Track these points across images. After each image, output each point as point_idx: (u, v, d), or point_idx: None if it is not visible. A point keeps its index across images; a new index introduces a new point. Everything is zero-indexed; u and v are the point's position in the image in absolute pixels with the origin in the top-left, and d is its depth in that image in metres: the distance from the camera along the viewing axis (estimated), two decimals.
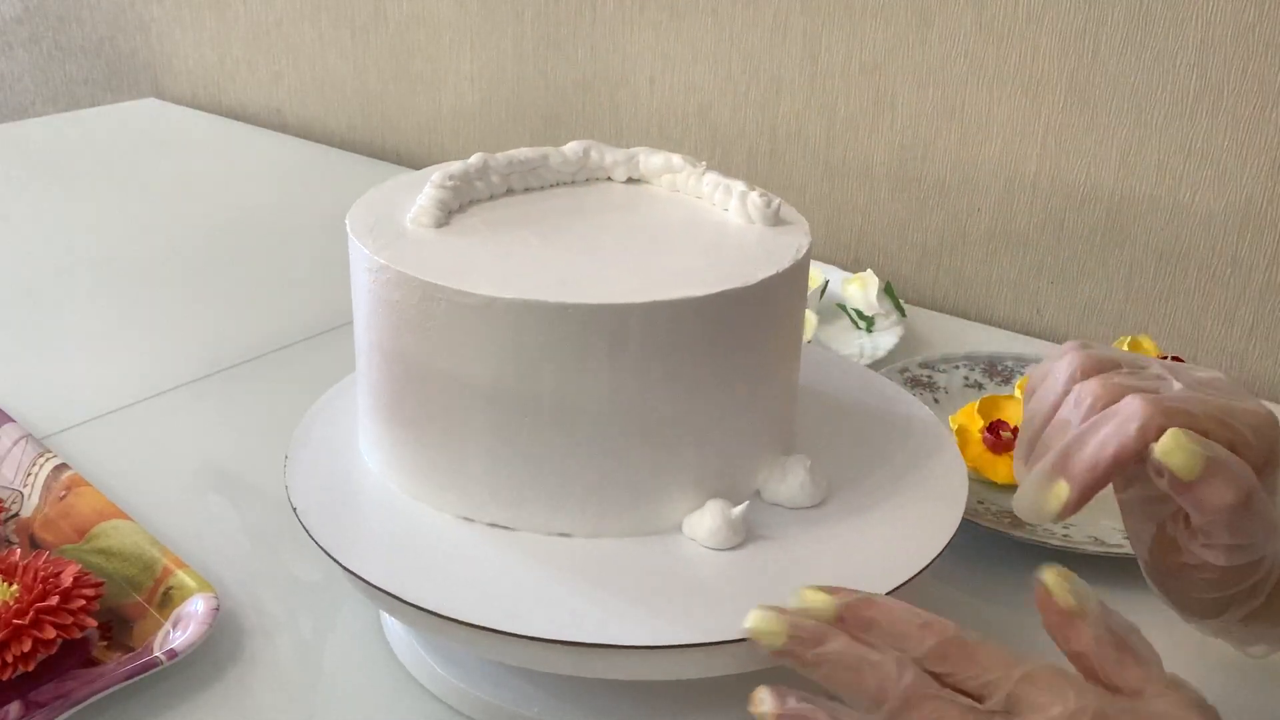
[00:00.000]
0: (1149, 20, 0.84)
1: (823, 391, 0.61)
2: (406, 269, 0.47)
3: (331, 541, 0.49)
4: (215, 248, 1.07)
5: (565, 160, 0.58)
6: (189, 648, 0.53)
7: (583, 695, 0.51)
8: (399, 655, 0.55)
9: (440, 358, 0.48)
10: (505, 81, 1.24)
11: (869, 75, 0.99)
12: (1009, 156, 0.94)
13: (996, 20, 0.91)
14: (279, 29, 1.43)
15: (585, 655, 0.44)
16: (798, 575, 0.47)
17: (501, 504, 0.49)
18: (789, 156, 1.06)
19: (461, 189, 0.54)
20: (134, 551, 0.60)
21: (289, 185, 1.28)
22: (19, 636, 0.51)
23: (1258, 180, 0.83)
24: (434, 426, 0.49)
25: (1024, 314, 0.97)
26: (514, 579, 0.47)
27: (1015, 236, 0.95)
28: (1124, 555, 0.62)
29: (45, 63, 1.75)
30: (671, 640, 0.44)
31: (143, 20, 1.59)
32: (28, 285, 0.98)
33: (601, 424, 0.47)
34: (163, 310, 0.94)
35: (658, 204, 0.57)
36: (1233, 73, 0.82)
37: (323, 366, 0.69)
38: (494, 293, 0.45)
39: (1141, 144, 0.87)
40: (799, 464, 0.51)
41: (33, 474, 0.67)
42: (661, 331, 0.46)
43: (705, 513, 0.49)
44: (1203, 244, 0.87)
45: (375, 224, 0.52)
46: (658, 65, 1.11)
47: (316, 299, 0.95)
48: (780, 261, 0.49)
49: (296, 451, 0.55)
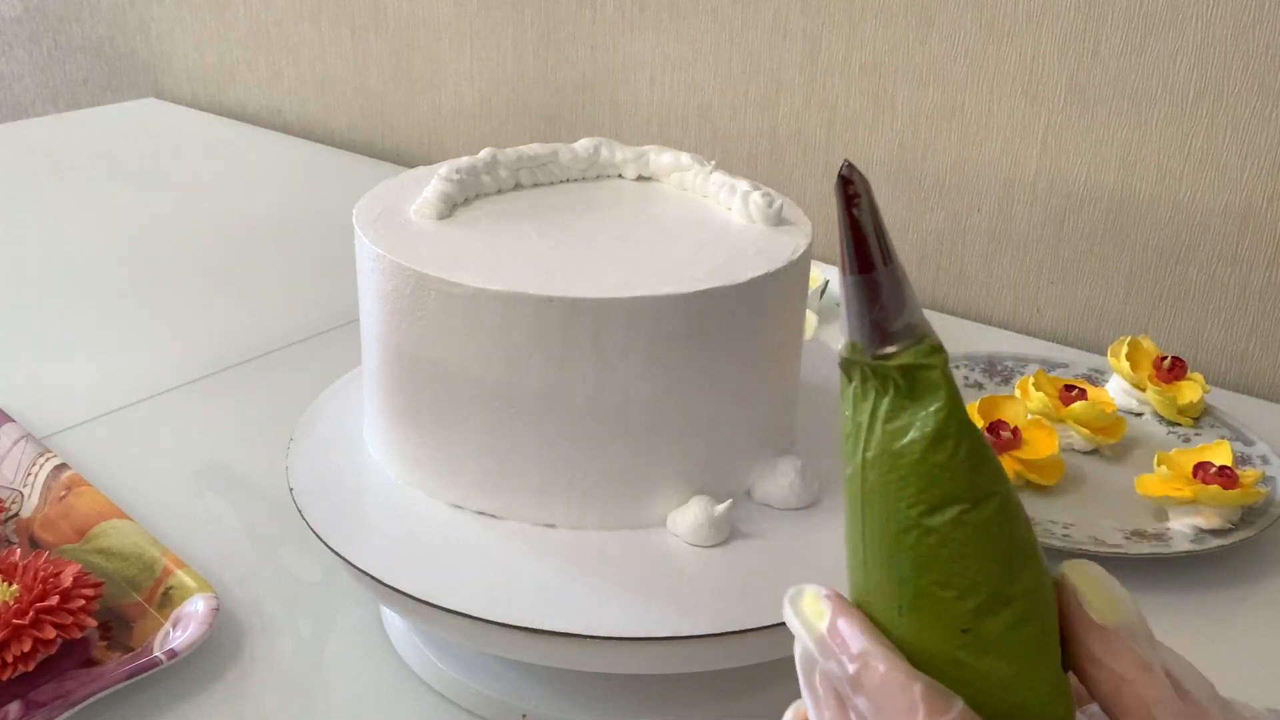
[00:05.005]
0: (1149, 20, 0.84)
1: (825, 390, 0.61)
2: (401, 259, 0.48)
3: (321, 523, 0.50)
4: (215, 247, 1.07)
5: (575, 157, 0.58)
6: (189, 648, 0.53)
7: (581, 689, 0.52)
8: (398, 648, 0.55)
9: (431, 346, 0.48)
10: (505, 81, 1.24)
11: (869, 75, 0.99)
12: (1009, 156, 0.94)
13: (996, 20, 0.91)
14: (279, 29, 1.43)
15: (556, 644, 0.45)
16: (778, 574, 0.47)
17: (489, 493, 0.49)
18: (789, 156, 1.06)
19: (468, 183, 0.55)
20: (134, 551, 0.60)
21: (289, 185, 1.28)
22: (19, 636, 0.51)
23: (1258, 180, 0.83)
24: (426, 415, 0.50)
25: (1024, 314, 0.97)
26: (496, 567, 0.47)
27: (1015, 236, 0.95)
28: (1125, 555, 0.62)
29: (45, 63, 1.75)
30: (642, 633, 0.44)
31: (143, 20, 1.59)
32: (28, 285, 0.98)
33: (586, 417, 0.47)
34: (163, 310, 0.94)
35: (663, 202, 0.57)
36: (1233, 73, 0.82)
37: (323, 365, 0.69)
38: (482, 284, 0.46)
39: (1141, 144, 0.87)
40: (789, 465, 0.51)
41: (33, 474, 0.67)
42: (646, 327, 0.46)
43: (689, 509, 0.49)
44: (1203, 244, 0.87)
45: (380, 215, 0.53)
46: (658, 65, 1.11)
47: (317, 299, 0.95)
48: (775, 261, 0.49)
49: (301, 436, 0.56)
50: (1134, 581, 0.63)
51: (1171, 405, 0.76)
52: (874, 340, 0.26)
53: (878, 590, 0.27)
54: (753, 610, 0.45)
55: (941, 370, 0.26)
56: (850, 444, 0.27)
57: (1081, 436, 0.72)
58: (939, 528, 0.26)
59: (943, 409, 0.26)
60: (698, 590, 0.47)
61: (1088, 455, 0.73)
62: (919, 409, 0.26)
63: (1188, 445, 0.73)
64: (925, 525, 0.26)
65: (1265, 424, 0.77)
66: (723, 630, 0.44)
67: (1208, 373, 0.88)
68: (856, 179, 0.27)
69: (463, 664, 0.53)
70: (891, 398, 0.27)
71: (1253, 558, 0.65)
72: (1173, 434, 0.76)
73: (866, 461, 0.27)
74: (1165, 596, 0.62)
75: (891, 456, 0.26)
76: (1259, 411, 0.82)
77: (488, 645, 0.47)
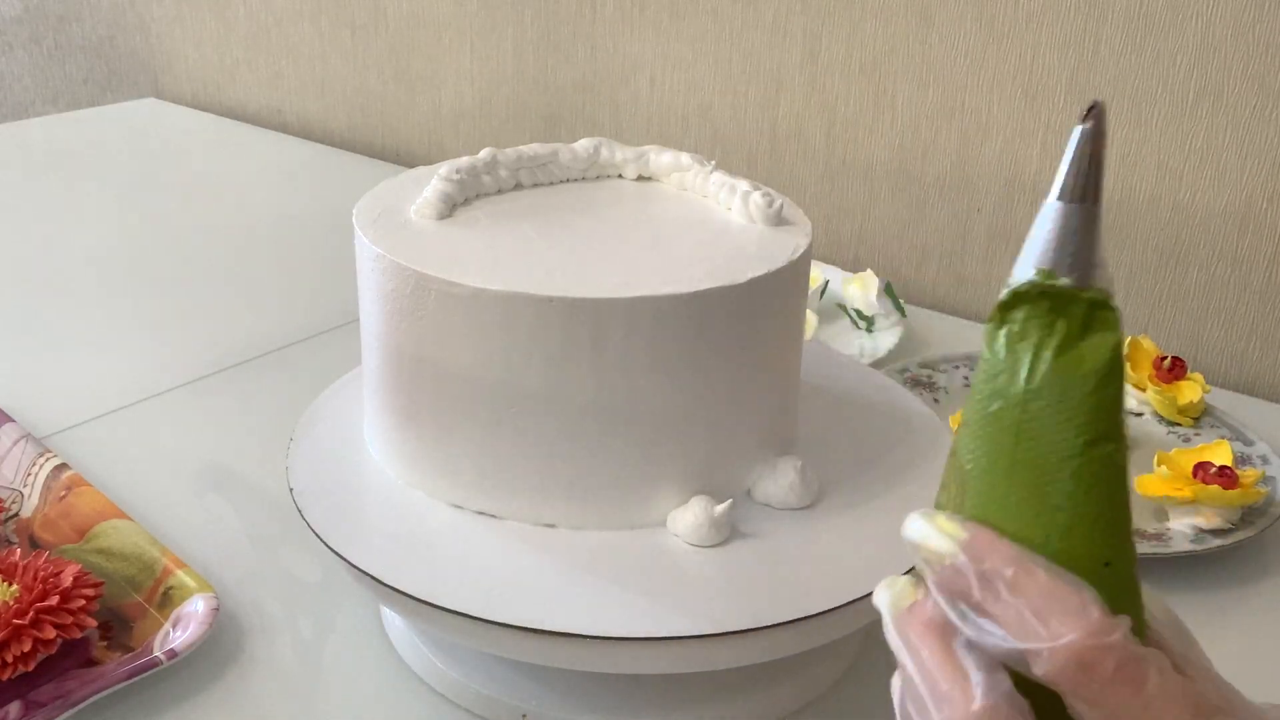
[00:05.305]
0: (1149, 20, 0.84)
1: (825, 389, 0.61)
2: (400, 259, 0.48)
3: (321, 523, 0.50)
4: (215, 247, 1.07)
5: (575, 157, 0.58)
6: (189, 648, 0.53)
7: (581, 689, 0.52)
8: (399, 648, 0.55)
9: (431, 346, 0.48)
10: (505, 81, 1.24)
11: (869, 75, 0.99)
12: (1009, 156, 0.94)
13: (996, 20, 0.91)
14: (279, 29, 1.43)
15: (556, 644, 0.44)
16: (778, 574, 0.47)
17: (489, 493, 0.50)
18: (789, 156, 1.06)
19: (468, 183, 0.55)
20: (134, 551, 0.60)
21: (289, 185, 1.28)
22: (19, 636, 0.51)
23: (1258, 180, 0.83)
24: (426, 415, 0.50)
25: None
26: (496, 567, 0.47)
27: (1015, 236, 0.95)
28: None
29: (45, 63, 1.75)
30: (642, 633, 0.44)
31: (143, 20, 1.59)
32: (28, 285, 0.98)
33: (585, 417, 0.47)
34: (163, 310, 0.94)
35: (663, 202, 0.57)
36: (1233, 73, 0.82)
37: (323, 365, 0.69)
38: (482, 284, 0.46)
39: (1141, 144, 0.87)
40: (789, 465, 0.51)
41: (33, 474, 0.67)
42: (645, 327, 0.46)
43: (688, 509, 0.49)
44: (1203, 244, 0.87)
45: (380, 215, 0.53)
46: (658, 65, 1.11)
47: (316, 299, 0.95)
48: (774, 261, 0.49)
49: (301, 436, 0.56)
50: None
51: (1171, 405, 0.76)
52: (1077, 269, 0.28)
53: (1020, 521, 0.28)
54: (753, 610, 0.45)
55: (1117, 312, 0.28)
56: (1003, 378, 0.28)
57: None
58: (1099, 458, 0.28)
59: (1117, 348, 0.28)
60: (698, 590, 0.46)
61: None
62: (1095, 345, 0.28)
63: (1188, 445, 0.73)
64: (1089, 455, 0.28)
65: (1265, 424, 0.77)
66: (723, 630, 0.44)
67: (1208, 373, 0.88)
68: (1103, 114, 0.28)
69: (463, 664, 0.53)
70: (1063, 333, 0.28)
71: (1253, 558, 0.65)
72: (1173, 434, 0.76)
73: (1030, 392, 0.28)
74: (1165, 596, 0.61)
75: (1063, 387, 0.28)
76: (1259, 411, 0.82)
77: (488, 645, 0.47)
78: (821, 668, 0.54)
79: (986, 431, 0.29)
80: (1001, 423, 0.28)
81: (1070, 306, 0.28)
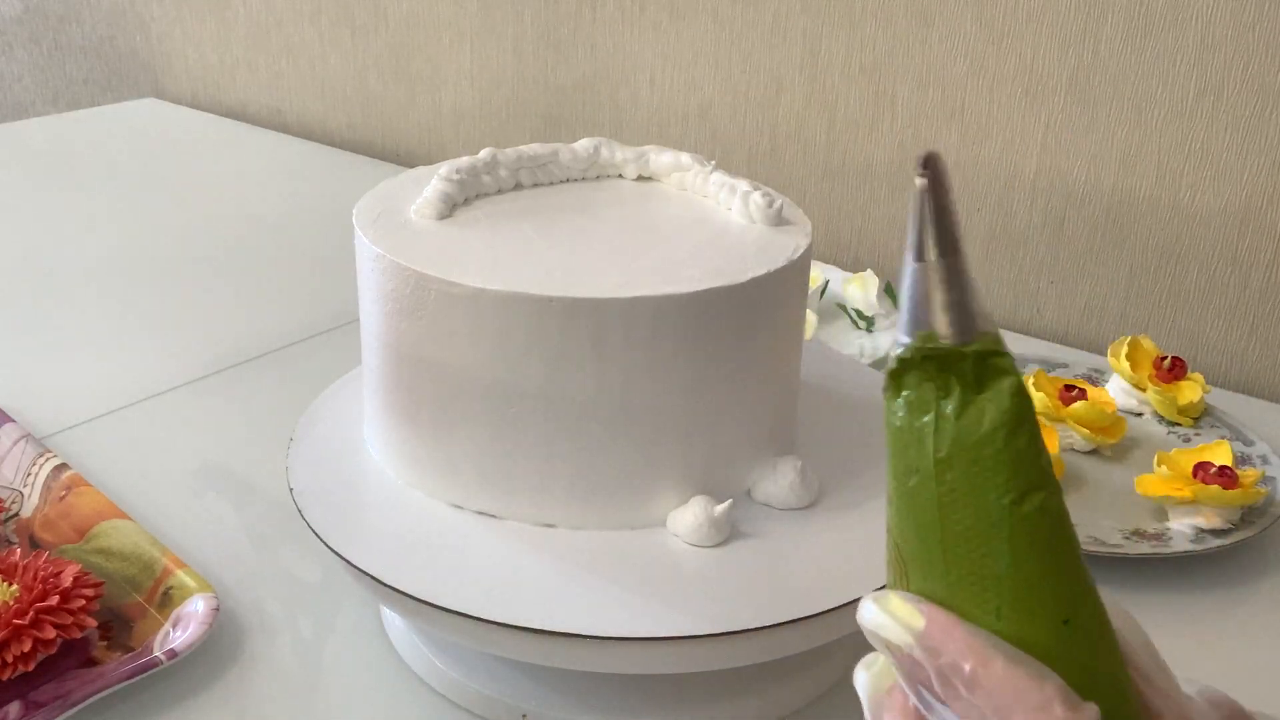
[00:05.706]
0: (1149, 20, 0.84)
1: (825, 389, 0.61)
2: (401, 259, 0.48)
3: (321, 523, 0.50)
4: (215, 247, 1.07)
5: (575, 157, 0.58)
6: (189, 648, 0.53)
7: (581, 689, 0.52)
8: (399, 648, 0.55)
9: (431, 346, 0.48)
10: (505, 81, 1.24)
11: (869, 75, 0.99)
12: (1009, 156, 0.94)
13: (996, 20, 0.91)
14: (279, 29, 1.43)
15: (556, 644, 0.44)
16: (778, 574, 0.47)
17: (489, 492, 0.50)
18: (789, 156, 1.06)
19: (468, 183, 0.55)
20: (134, 551, 0.60)
21: (289, 185, 1.28)
22: (19, 636, 0.51)
23: (1258, 180, 0.83)
24: (425, 414, 0.50)
25: (1024, 314, 0.97)
26: (496, 567, 0.47)
27: (1015, 236, 0.95)
28: (1125, 555, 0.62)
29: (45, 63, 1.75)
30: (642, 633, 0.44)
31: (143, 20, 1.59)
32: (28, 285, 0.98)
33: (585, 417, 0.47)
34: (163, 310, 0.94)
35: (663, 202, 0.57)
36: (1233, 73, 0.82)
37: (323, 365, 0.69)
38: (482, 284, 0.46)
39: (1141, 144, 0.87)
40: (790, 465, 0.51)
41: (33, 474, 0.67)
42: (644, 327, 0.46)
43: (688, 509, 0.49)
44: (1203, 244, 0.87)
45: (380, 215, 0.53)
46: (658, 65, 1.11)
47: (317, 298, 0.95)
48: (774, 261, 0.49)
49: (301, 436, 0.56)
50: (1134, 581, 0.63)
51: (1171, 405, 0.76)
52: (955, 325, 0.26)
53: (966, 597, 0.27)
54: (753, 610, 0.45)
55: (1009, 357, 0.26)
56: (912, 452, 0.27)
57: (1081, 436, 0.72)
58: (1029, 515, 0.26)
59: (1018, 394, 0.26)
60: (698, 590, 0.46)
61: (1088, 455, 0.73)
62: (992, 398, 0.26)
63: (1188, 445, 0.73)
64: (1018, 514, 0.26)
65: (1265, 424, 0.77)
66: (723, 630, 0.44)
67: (1208, 373, 0.88)
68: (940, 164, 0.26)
69: (463, 664, 0.53)
70: (959, 393, 0.26)
71: (1253, 558, 0.65)
72: (1173, 434, 0.76)
73: (941, 462, 0.26)
74: (1165, 596, 0.62)
75: (973, 449, 0.26)
76: (1259, 411, 0.82)
77: (488, 645, 0.47)
78: (821, 668, 0.54)
79: (910, 508, 0.27)
80: (922, 498, 0.27)
81: (959, 364, 0.26)
